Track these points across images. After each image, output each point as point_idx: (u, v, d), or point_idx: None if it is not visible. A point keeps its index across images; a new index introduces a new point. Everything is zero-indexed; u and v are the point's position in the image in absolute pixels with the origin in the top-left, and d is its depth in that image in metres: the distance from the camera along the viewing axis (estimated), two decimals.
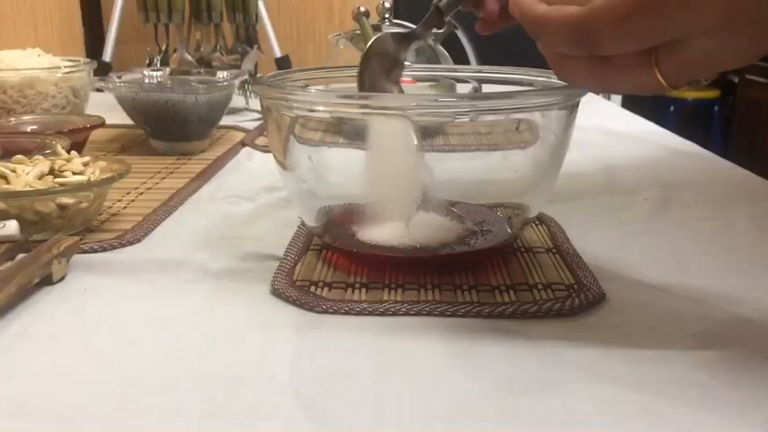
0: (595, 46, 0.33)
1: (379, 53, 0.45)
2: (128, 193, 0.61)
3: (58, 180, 0.51)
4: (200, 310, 0.40)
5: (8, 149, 0.60)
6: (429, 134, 0.49)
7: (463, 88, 0.78)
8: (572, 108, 0.43)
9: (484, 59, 0.84)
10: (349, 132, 0.46)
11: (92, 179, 0.51)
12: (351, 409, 0.30)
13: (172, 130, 0.75)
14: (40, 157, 0.54)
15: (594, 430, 0.29)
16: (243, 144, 0.82)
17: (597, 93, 0.38)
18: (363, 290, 0.42)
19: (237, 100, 0.97)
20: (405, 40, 0.46)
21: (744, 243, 0.51)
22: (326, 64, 0.92)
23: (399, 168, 0.43)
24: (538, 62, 0.47)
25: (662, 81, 0.34)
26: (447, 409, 0.30)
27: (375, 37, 0.45)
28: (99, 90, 0.89)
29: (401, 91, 0.47)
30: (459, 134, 0.59)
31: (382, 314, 0.39)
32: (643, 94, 0.36)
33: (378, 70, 0.45)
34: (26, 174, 0.50)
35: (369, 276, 0.43)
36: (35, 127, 0.74)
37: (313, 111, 0.43)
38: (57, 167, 0.52)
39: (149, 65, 1.01)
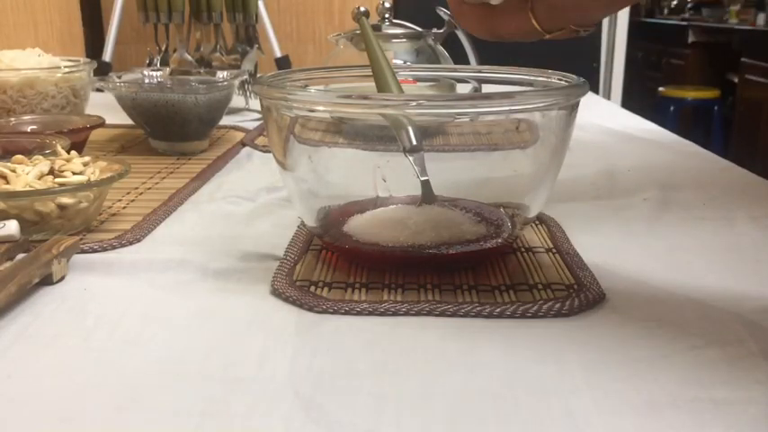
0: None
1: None
2: (128, 193, 0.61)
3: (57, 180, 0.51)
4: (200, 310, 0.40)
5: (8, 149, 0.60)
6: (429, 134, 0.49)
7: (463, 88, 0.78)
8: (572, 108, 0.43)
9: (484, 59, 0.84)
10: (349, 132, 0.46)
11: (92, 179, 0.51)
12: (351, 409, 0.30)
13: (172, 130, 0.75)
14: (40, 157, 0.54)
15: (594, 430, 0.29)
16: (243, 144, 0.82)
17: (486, 38, 0.44)
18: (363, 290, 0.42)
19: (237, 100, 0.97)
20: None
21: (744, 243, 0.51)
22: (326, 64, 0.92)
23: None
24: (538, 62, 0.47)
25: (536, 25, 0.39)
26: (447, 409, 0.30)
27: None
28: (99, 90, 0.89)
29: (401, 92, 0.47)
30: (459, 134, 0.59)
31: (382, 314, 0.39)
32: (524, 40, 0.41)
33: None
34: (26, 174, 0.50)
35: (369, 276, 0.43)
36: (35, 127, 0.74)
37: (313, 111, 0.43)
38: (57, 167, 0.52)
39: (149, 65, 1.01)
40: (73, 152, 0.57)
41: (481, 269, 0.44)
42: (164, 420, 0.29)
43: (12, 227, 0.46)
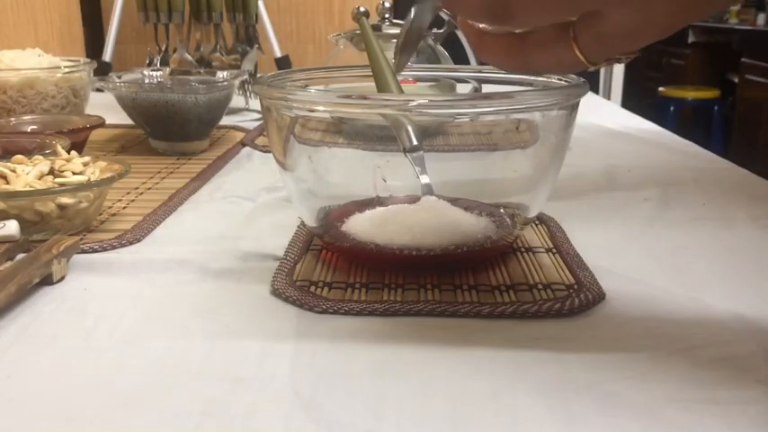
0: (509, 17, 0.32)
1: None
2: (128, 193, 0.61)
3: (57, 180, 0.51)
4: (200, 310, 0.40)
5: (8, 149, 0.60)
6: (429, 134, 0.49)
7: (463, 88, 0.78)
8: (572, 108, 0.43)
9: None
10: (349, 132, 0.46)
11: (92, 179, 0.51)
12: (351, 409, 0.30)
13: (172, 130, 0.75)
14: (40, 157, 0.54)
15: (594, 430, 0.29)
16: (243, 144, 0.82)
17: (516, 73, 0.38)
18: (363, 290, 0.42)
19: (237, 100, 0.97)
20: None
21: (744, 243, 0.51)
22: (326, 64, 0.92)
23: None
24: None
25: (580, 56, 0.33)
26: (447, 409, 0.30)
27: None
28: (99, 90, 0.89)
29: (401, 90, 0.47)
30: (459, 134, 0.59)
31: (382, 314, 0.39)
32: (562, 73, 0.35)
33: None
34: (26, 174, 0.50)
35: (369, 276, 0.43)
36: (35, 127, 0.74)
37: (313, 111, 0.43)
38: (57, 167, 0.52)
39: (149, 65, 1.01)
40: (73, 152, 0.57)
41: (481, 269, 0.44)
42: (164, 420, 0.29)
43: (12, 227, 0.46)
